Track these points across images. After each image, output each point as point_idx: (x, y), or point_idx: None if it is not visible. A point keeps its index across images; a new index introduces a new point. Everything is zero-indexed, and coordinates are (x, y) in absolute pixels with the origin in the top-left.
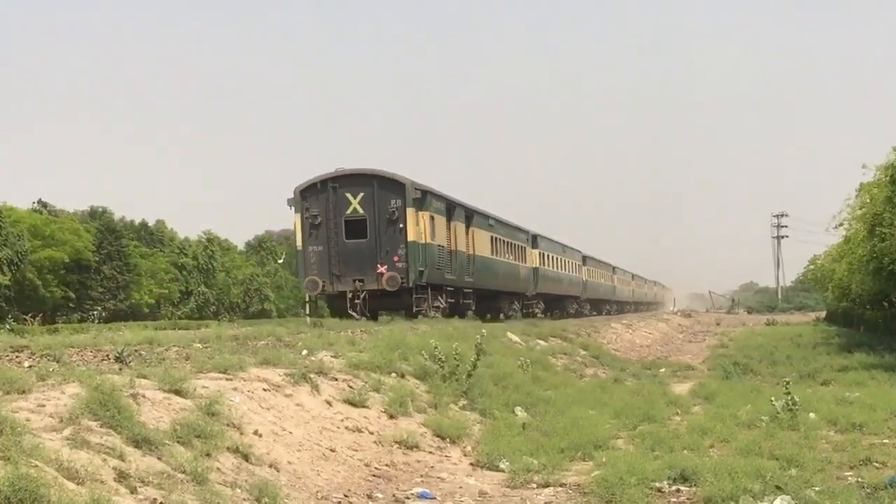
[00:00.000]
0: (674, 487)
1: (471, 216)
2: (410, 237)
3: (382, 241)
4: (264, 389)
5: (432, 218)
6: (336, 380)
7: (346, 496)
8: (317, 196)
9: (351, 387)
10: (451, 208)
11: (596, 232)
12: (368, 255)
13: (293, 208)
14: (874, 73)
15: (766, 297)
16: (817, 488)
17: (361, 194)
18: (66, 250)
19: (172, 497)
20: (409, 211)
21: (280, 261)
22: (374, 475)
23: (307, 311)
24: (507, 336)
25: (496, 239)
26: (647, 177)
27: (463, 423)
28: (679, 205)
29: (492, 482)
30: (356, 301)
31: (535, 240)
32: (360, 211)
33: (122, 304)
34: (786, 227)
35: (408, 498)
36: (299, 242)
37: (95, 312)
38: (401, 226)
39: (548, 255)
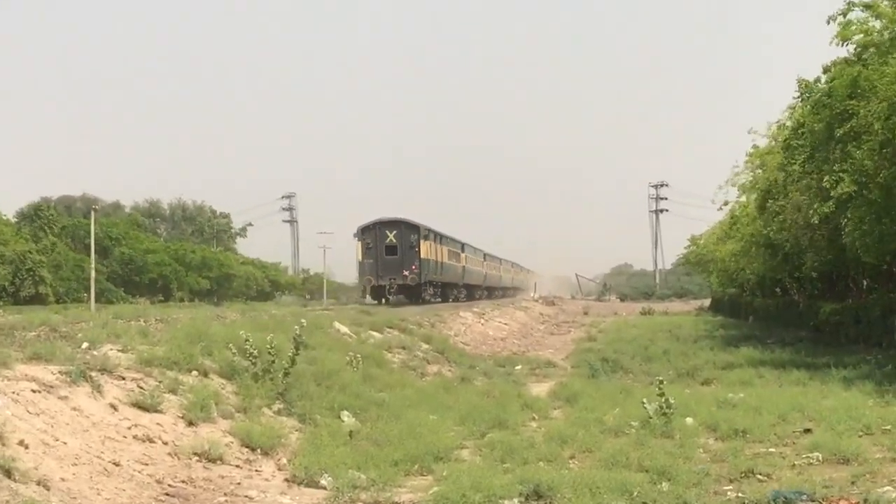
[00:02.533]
0: None
1: (442, 238)
2: (422, 256)
3: (406, 257)
4: (33, 391)
5: (430, 244)
6: (123, 379)
7: None
8: (370, 232)
9: (141, 387)
10: (436, 236)
11: (448, 204)
12: (398, 265)
13: (356, 238)
14: (760, 32)
15: (643, 281)
16: None
17: (395, 231)
18: None
19: None
20: (422, 241)
21: None
22: (167, 493)
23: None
24: (334, 326)
25: (450, 251)
26: (504, 143)
27: (278, 431)
28: (542, 174)
29: (311, 501)
30: (390, 290)
31: (463, 246)
32: (394, 241)
33: None
34: (665, 199)
35: None
36: (360, 257)
37: None
38: (416, 249)
39: (468, 257)
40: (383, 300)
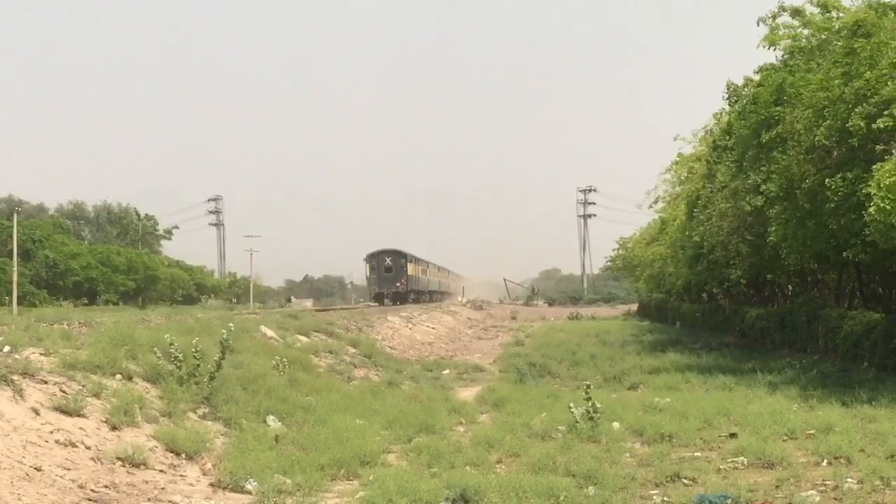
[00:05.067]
0: None
1: (418, 260)
2: (409, 273)
3: (398, 275)
4: None
5: (413, 265)
6: (46, 382)
7: None
8: (374, 257)
9: (64, 391)
10: (416, 259)
11: (379, 206)
12: (393, 280)
13: (365, 261)
14: (689, 37)
15: (571, 286)
16: None
17: (391, 257)
18: None
19: None
20: (409, 264)
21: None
22: (89, 499)
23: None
24: (260, 330)
25: (422, 268)
26: (431, 144)
27: (203, 435)
28: (470, 177)
29: None
30: (387, 296)
31: (428, 264)
32: (390, 264)
33: None
34: (594, 203)
35: None
36: (368, 273)
37: None
38: (405, 269)
39: (430, 271)
40: (382, 302)
